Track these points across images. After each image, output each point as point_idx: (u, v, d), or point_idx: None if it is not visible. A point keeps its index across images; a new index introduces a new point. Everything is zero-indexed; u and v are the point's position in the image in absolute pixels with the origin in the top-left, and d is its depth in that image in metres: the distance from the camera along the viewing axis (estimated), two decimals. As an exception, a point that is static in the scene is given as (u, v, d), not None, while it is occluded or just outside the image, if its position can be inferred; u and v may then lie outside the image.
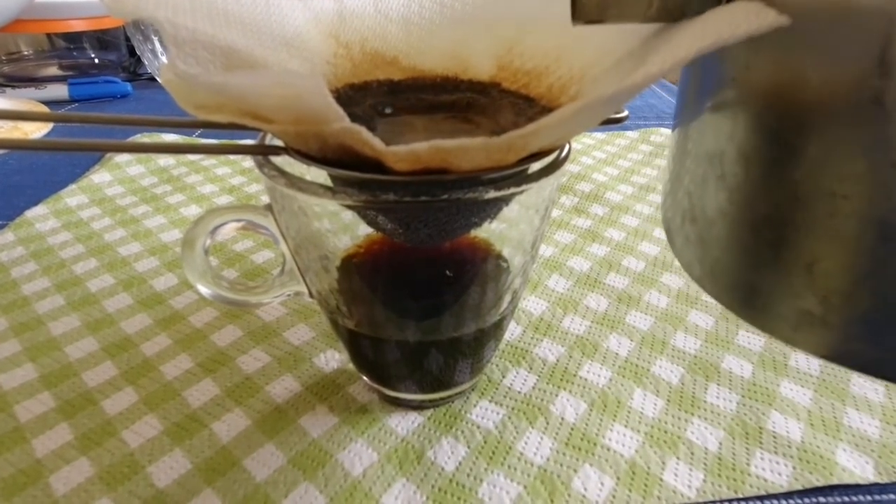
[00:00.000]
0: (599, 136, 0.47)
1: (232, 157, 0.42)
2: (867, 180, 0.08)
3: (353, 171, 0.13)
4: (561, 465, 0.19)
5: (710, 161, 0.10)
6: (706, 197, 0.11)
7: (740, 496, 0.18)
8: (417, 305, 0.19)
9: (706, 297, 0.27)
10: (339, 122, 0.11)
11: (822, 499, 0.18)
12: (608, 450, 0.19)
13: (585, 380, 0.22)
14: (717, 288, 0.11)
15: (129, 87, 0.57)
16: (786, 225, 0.09)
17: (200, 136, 0.47)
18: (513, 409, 0.21)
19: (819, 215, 0.09)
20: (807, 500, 0.18)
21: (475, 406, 0.21)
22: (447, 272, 0.20)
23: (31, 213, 0.33)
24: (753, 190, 0.10)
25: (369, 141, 0.11)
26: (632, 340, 0.24)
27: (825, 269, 0.09)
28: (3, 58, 0.62)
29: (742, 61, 0.09)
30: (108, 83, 0.56)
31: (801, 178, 0.09)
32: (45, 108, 0.50)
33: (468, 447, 0.19)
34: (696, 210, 0.11)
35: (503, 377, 0.22)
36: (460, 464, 0.19)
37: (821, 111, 0.08)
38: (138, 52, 0.55)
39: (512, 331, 0.25)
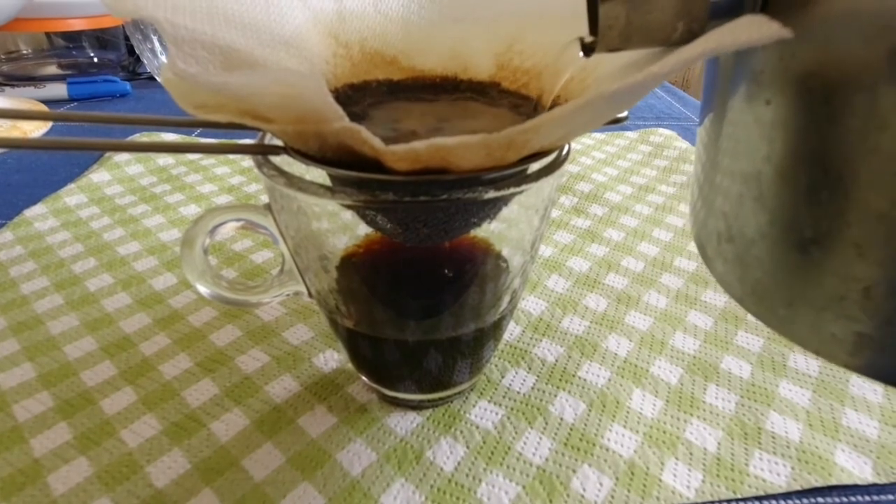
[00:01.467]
0: (599, 136, 0.47)
1: (231, 156, 0.42)
2: None
3: (352, 171, 0.13)
4: (560, 465, 0.19)
5: (746, 181, 0.10)
6: (743, 217, 0.10)
7: (739, 496, 0.18)
8: (416, 305, 0.19)
9: (705, 298, 0.27)
10: (339, 121, 0.11)
11: (820, 499, 0.18)
12: (607, 450, 0.19)
13: (584, 380, 0.22)
14: (761, 309, 0.11)
15: (128, 86, 0.57)
16: (837, 248, 0.09)
17: (200, 135, 0.47)
18: (512, 409, 0.21)
19: (874, 239, 0.08)
20: (805, 501, 0.18)
21: (474, 406, 0.21)
22: (446, 272, 0.20)
23: (29, 213, 0.33)
24: (797, 212, 0.09)
25: (369, 140, 0.11)
26: (631, 341, 0.24)
27: (885, 292, 0.08)
28: (3, 57, 0.62)
29: (779, 82, 0.09)
30: (107, 82, 0.56)
31: (849, 201, 0.08)
32: (44, 107, 0.50)
33: (467, 447, 0.19)
34: (733, 230, 0.11)
35: (502, 377, 0.22)
36: (459, 464, 0.19)
37: (869, 129, 0.08)
38: (137, 52, 0.55)
39: (511, 331, 0.25)
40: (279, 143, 0.14)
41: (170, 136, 0.44)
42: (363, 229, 0.19)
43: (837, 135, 0.08)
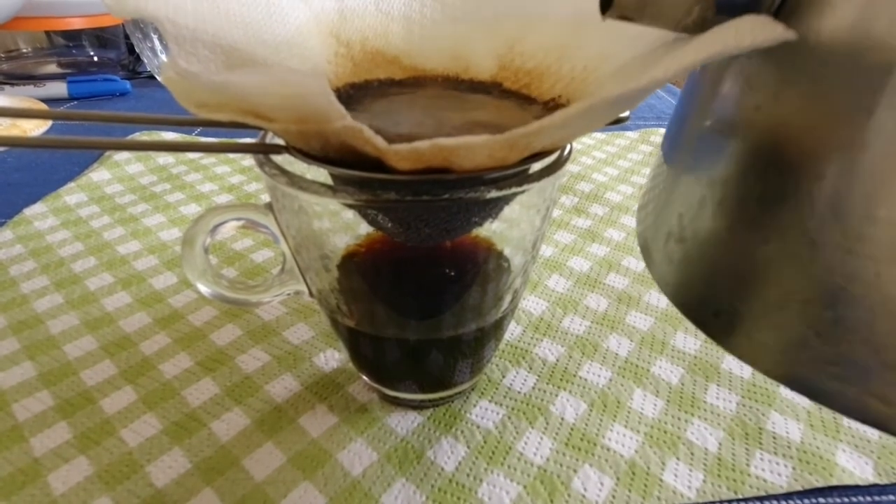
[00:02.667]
0: (599, 136, 0.47)
1: (231, 155, 0.42)
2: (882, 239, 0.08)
3: (354, 170, 0.13)
4: (561, 465, 0.19)
5: (712, 185, 0.10)
6: (700, 219, 0.10)
7: (740, 497, 0.18)
8: (418, 305, 0.19)
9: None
10: (342, 120, 0.11)
11: (821, 499, 0.18)
12: (608, 450, 0.19)
13: (585, 380, 0.22)
14: (697, 311, 0.11)
15: (128, 85, 0.57)
16: (787, 262, 0.09)
17: (200, 134, 0.47)
18: (513, 409, 0.21)
19: (829, 260, 0.08)
20: (806, 501, 0.18)
21: (475, 406, 0.21)
22: (448, 272, 0.20)
23: (29, 211, 0.33)
24: (759, 220, 0.09)
25: (371, 139, 0.11)
26: (632, 341, 0.24)
27: (822, 307, 0.08)
28: (2, 55, 0.62)
29: (771, 91, 0.09)
30: (107, 81, 0.56)
31: (813, 224, 0.08)
32: (43, 106, 0.50)
33: (468, 447, 0.19)
34: (686, 231, 0.11)
35: (503, 377, 0.22)
36: (460, 464, 0.19)
37: (849, 158, 0.08)
38: (137, 50, 0.55)
39: (512, 331, 0.25)
40: (280, 141, 0.14)
41: (170, 135, 0.44)
42: (364, 228, 0.19)
43: (816, 159, 0.08)
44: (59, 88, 0.54)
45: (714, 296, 0.10)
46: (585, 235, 0.32)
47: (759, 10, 0.09)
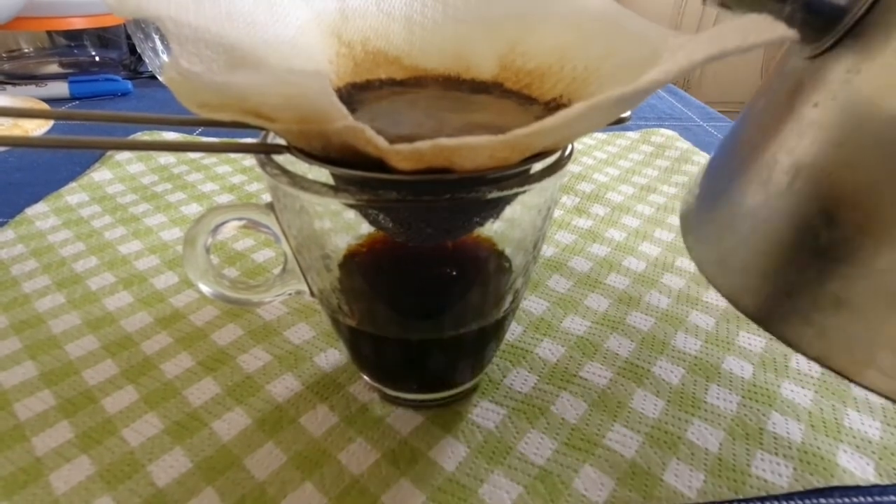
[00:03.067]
0: (600, 136, 0.47)
1: (232, 155, 0.42)
2: None
3: (355, 170, 0.13)
4: (561, 465, 0.19)
5: (761, 171, 0.11)
6: (740, 194, 0.11)
7: (741, 497, 0.18)
8: (419, 304, 0.19)
9: (707, 298, 0.27)
10: (343, 120, 0.11)
11: (822, 500, 0.18)
12: (608, 450, 0.19)
13: (586, 380, 0.22)
14: (718, 273, 0.12)
15: (129, 84, 0.57)
16: (810, 241, 0.10)
17: (201, 134, 0.47)
18: (513, 409, 0.21)
19: (848, 242, 0.09)
20: (807, 502, 0.18)
21: (476, 406, 0.21)
22: (449, 271, 0.20)
23: (31, 211, 0.33)
24: (788, 196, 0.10)
25: (373, 139, 0.11)
26: (632, 341, 0.24)
27: (837, 281, 0.09)
28: (4, 55, 0.62)
29: (832, 92, 0.10)
30: (108, 81, 0.56)
31: (838, 212, 0.09)
32: (45, 106, 0.50)
33: (469, 447, 0.19)
34: (723, 204, 0.12)
35: (504, 377, 0.22)
36: (460, 463, 0.19)
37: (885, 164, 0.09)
38: (139, 50, 0.55)
39: (513, 331, 0.25)
40: (282, 141, 0.14)
41: (171, 135, 0.44)
42: (366, 228, 0.19)
43: (866, 153, 0.09)
44: (60, 88, 0.54)
45: (738, 259, 0.11)
46: (586, 236, 0.32)
47: (847, 13, 0.09)
